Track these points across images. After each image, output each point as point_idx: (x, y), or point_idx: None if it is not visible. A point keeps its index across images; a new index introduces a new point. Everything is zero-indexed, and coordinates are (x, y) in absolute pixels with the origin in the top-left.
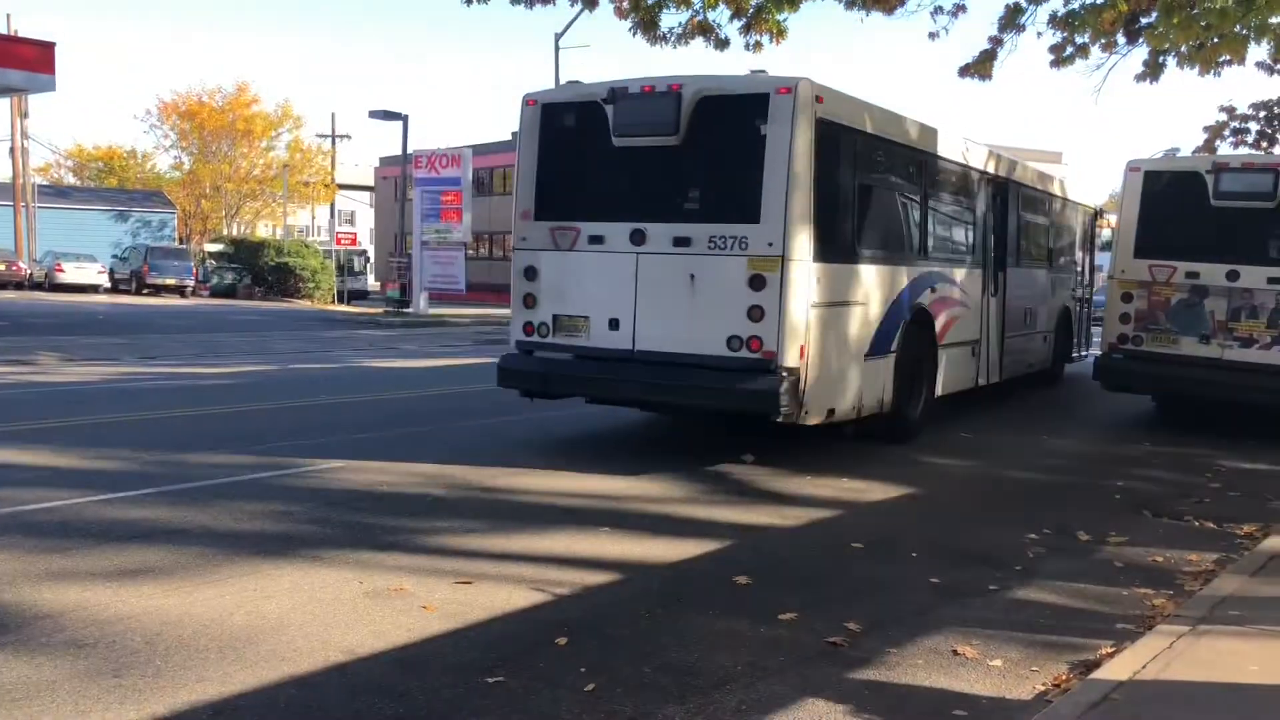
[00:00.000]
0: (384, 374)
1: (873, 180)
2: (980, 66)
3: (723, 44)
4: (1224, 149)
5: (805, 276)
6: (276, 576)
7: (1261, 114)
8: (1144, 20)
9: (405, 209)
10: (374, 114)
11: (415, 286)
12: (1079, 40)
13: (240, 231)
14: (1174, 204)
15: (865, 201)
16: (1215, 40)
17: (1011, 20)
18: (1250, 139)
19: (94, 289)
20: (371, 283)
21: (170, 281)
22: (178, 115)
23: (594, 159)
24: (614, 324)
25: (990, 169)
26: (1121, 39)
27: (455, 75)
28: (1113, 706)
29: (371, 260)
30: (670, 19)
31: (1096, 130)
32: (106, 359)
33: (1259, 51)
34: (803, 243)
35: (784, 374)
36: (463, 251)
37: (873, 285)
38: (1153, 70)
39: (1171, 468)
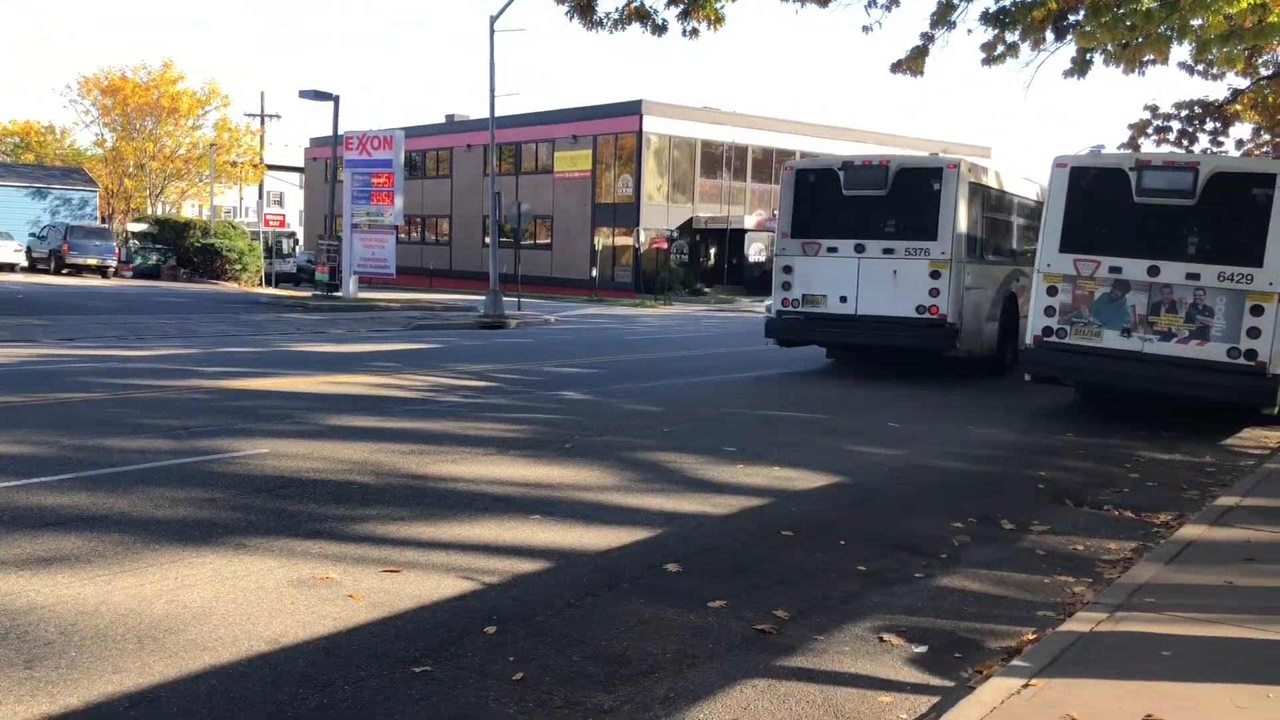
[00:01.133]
0: (316, 358)
1: (991, 213)
2: (913, 62)
3: (660, 29)
4: (1147, 146)
5: (960, 271)
6: (198, 564)
7: (1183, 113)
8: (1072, 17)
9: (335, 191)
10: (304, 94)
11: (345, 269)
12: (1010, 38)
13: (165, 211)
14: (1099, 200)
15: (987, 226)
16: (1140, 40)
17: (944, 17)
18: (1172, 137)
19: (10, 268)
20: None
21: (91, 261)
22: (99, 91)
23: (828, 203)
24: (843, 299)
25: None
26: (1050, 36)
27: (388, 57)
28: (1034, 691)
29: (301, 243)
30: (607, 3)
31: (1025, 125)
32: (24, 340)
33: (1181, 52)
34: (960, 251)
35: (949, 327)
36: (393, 235)
37: (991, 277)
38: (1080, 67)
39: (1093, 458)
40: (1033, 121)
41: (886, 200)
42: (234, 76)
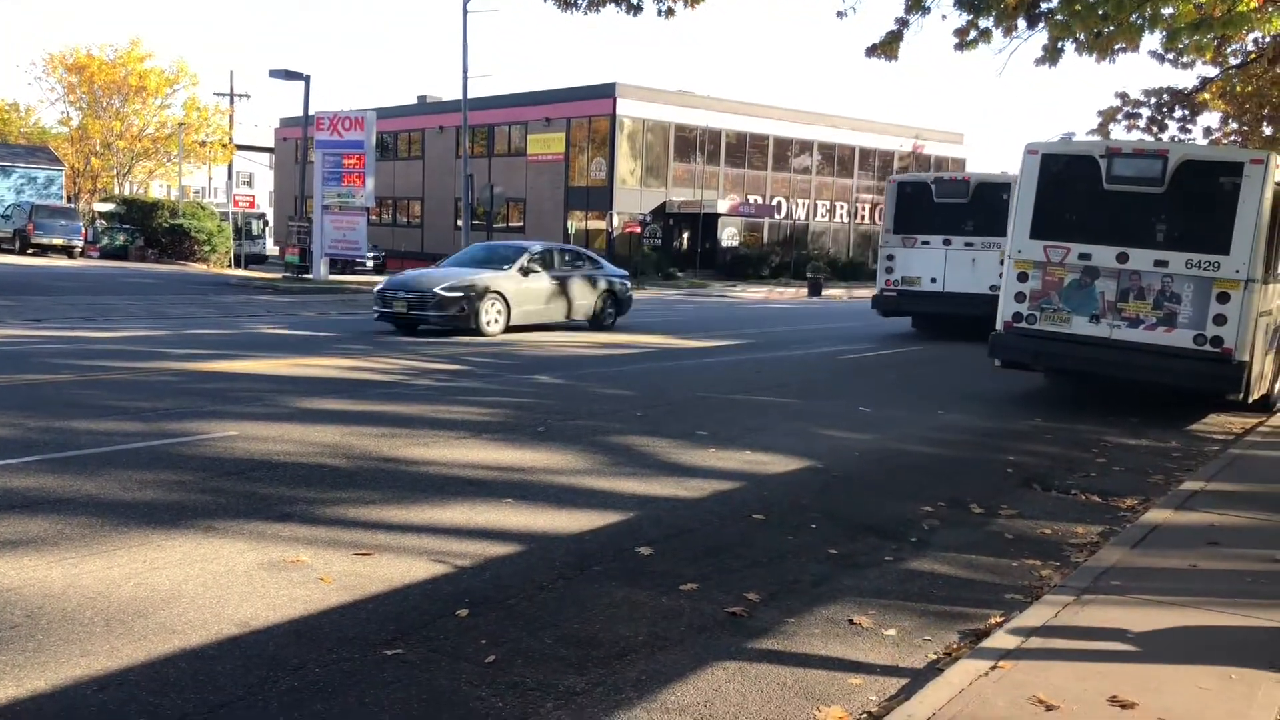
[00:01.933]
0: (286, 341)
1: None
2: (886, 47)
3: (635, 8)
4: (1118, 133)
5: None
6: (167, 547)
7: (1153, 101)
8: (1044, 5)
9: (306, 172)
10: (274, 73)
11: (315, 251)
12: (983, 24)
13: (133, 191)
14: (1069, 187)
15: None
16: (1112, 29)
17: (918, 2)
18: (1142, 124)
19: None
20: (270, 247)
21: (57, 241)
22: (65, 68)
23: (921, 205)
24: (933, 280)
25: None
26: (1023, 23)
27: (360, 36)
28: (1001, 673)
29: (271, 224)
30: None
31: (998, 111)
32: None
33: (1152, 40)
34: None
35: None
36: (365, 216)
37: None
38: (1051, 55)
39: (1060, 443)
40: (1005, 107)
41: (967, 206)
42: (203, 55)
